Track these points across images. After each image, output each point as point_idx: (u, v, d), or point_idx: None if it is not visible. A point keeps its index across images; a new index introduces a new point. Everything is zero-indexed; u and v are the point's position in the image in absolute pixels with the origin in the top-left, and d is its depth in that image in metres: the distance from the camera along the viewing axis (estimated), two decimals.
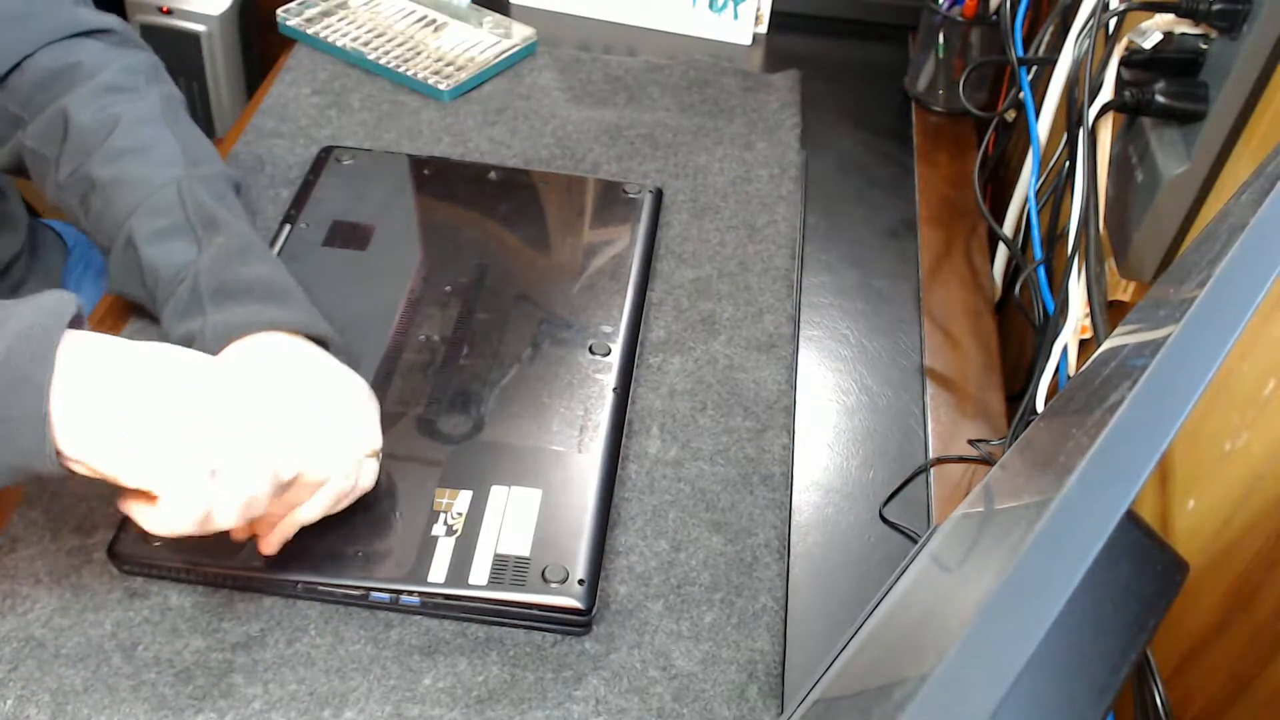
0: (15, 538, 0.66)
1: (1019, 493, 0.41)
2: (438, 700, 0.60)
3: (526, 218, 0.87)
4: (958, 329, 0.87)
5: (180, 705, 0.59)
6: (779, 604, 0.66)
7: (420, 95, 1.02)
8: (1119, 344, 0.43)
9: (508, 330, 0.77)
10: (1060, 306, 0.74)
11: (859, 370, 0.83)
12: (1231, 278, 0.31)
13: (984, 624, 0.27)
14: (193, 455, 0.53)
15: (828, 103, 1.08)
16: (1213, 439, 0.58)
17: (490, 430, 0.70)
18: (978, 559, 0.40)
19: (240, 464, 0.54)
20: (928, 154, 1.04)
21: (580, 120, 1.00)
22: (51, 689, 0.59)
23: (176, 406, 0.53)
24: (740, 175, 0.95)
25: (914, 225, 0.96)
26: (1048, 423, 0.48)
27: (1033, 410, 0.74)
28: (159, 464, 0.52)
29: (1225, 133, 0.63)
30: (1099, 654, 0.36)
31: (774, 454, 0.74)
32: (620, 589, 0.66)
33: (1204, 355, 0.29)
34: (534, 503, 0.66)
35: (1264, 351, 0.55)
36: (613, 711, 0.60)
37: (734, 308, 0.83)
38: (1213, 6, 0.62)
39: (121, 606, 0.63)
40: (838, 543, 0.72)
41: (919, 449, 0.78)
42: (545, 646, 0.63)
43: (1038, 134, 0.85)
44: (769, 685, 0.62)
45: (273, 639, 0.62)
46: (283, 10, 1.08)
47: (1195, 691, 0.58)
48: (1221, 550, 0.56)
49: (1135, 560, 0.38)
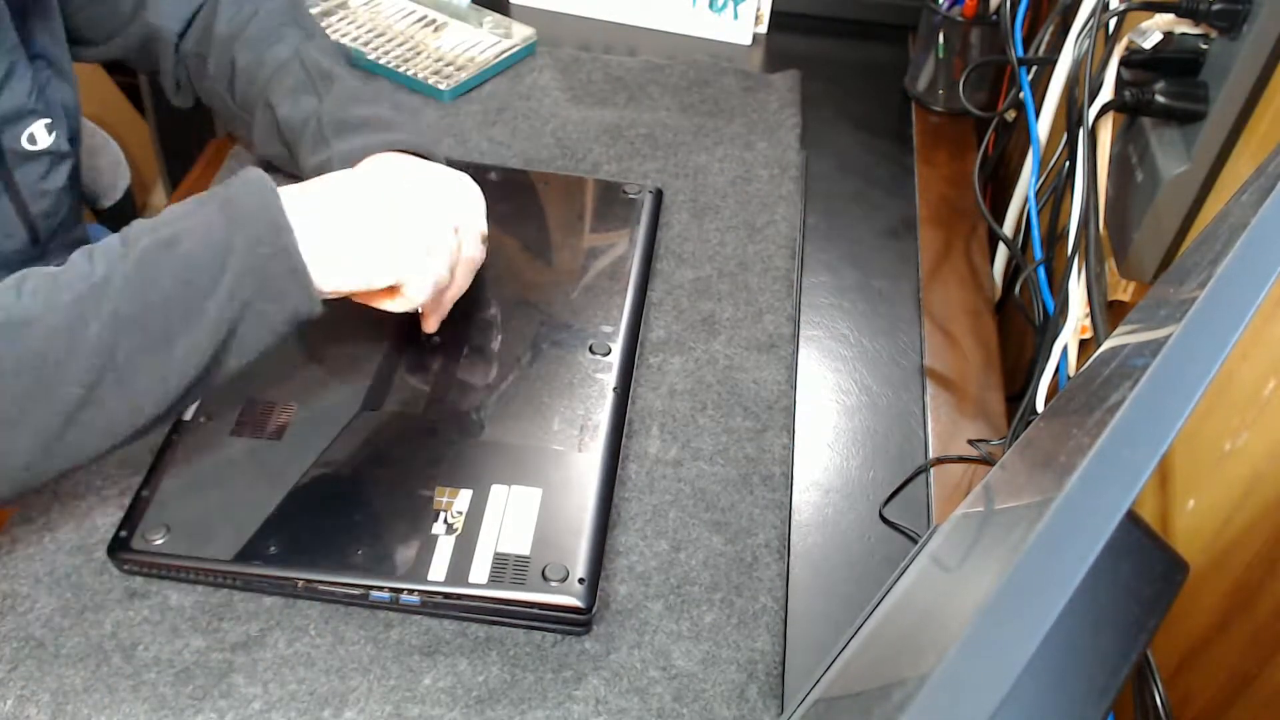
0: (15, 538, 0.66)
1: (1019, 493, 0.41)
2: (438, 700, 0.60)
3: (526, 218, 0.87)
4: (958, 329, 0.87)
5: (180, 705, 0.59)
6: (779, 604, 0.66)
7: (420, 95, 1.02)
8: (1119, 344, 0.43)
9: (508, 330, 0.77)
10: (1060, 306, 0.74)
11: (859, 370, 0.83)
12: (1232, 278, 0.31)
13: (984, 624, 0.27)
14: (413, 244, 0.66)
15: (828, 103, 1.08)
16: (1213, 439, 0.58)
17: (490, 429, 0.70)
18: (978, 559, 0.40)
19: (439, 238, 0.68)
20: (928, 154, 1.04)
21: (580, 120, 1.00)
22: (51, 689, 0.59)
23: (381, 215, 0.65)
24: (740, 175, 0.95)
25: (914, 225, 0.96)
26: (1048, 423, 0.48)
27: (1033, 410, 0.74)
28: (394, 262, 0.65)
29: (1225, 133, 0.63)
30: (1099, 654, 0.36)
31: (774, 454, 0.74)
32: (620, 589, 0.66)
33: (1205, 355, 0.29)
34: (534, 502, 0.66)
35: (1264, 351, 0.55)
36: (613, 711, 0.60)
37: (734, 308, 0.83)
38: (1213, 6, 0.62)
39: (121, 606, 0.63)
40: (838, 543, 0.72)
41: (919, 449, 0.78)
42: (545, 646, 0.63)
43: (1038, 134, 0.85)
44: (769, 685, 0.62)
45: (273, 639, 0.62)
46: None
47: (1195, 691, 0.58)
48: (1221, 550, 0.56)
49: (1135, 560, 0.38)
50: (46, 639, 0.61)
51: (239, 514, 0.65)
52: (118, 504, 0.67)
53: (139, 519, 0.64)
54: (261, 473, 0.67)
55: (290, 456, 0.68)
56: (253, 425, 0.69)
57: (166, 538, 0.63)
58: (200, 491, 0.66)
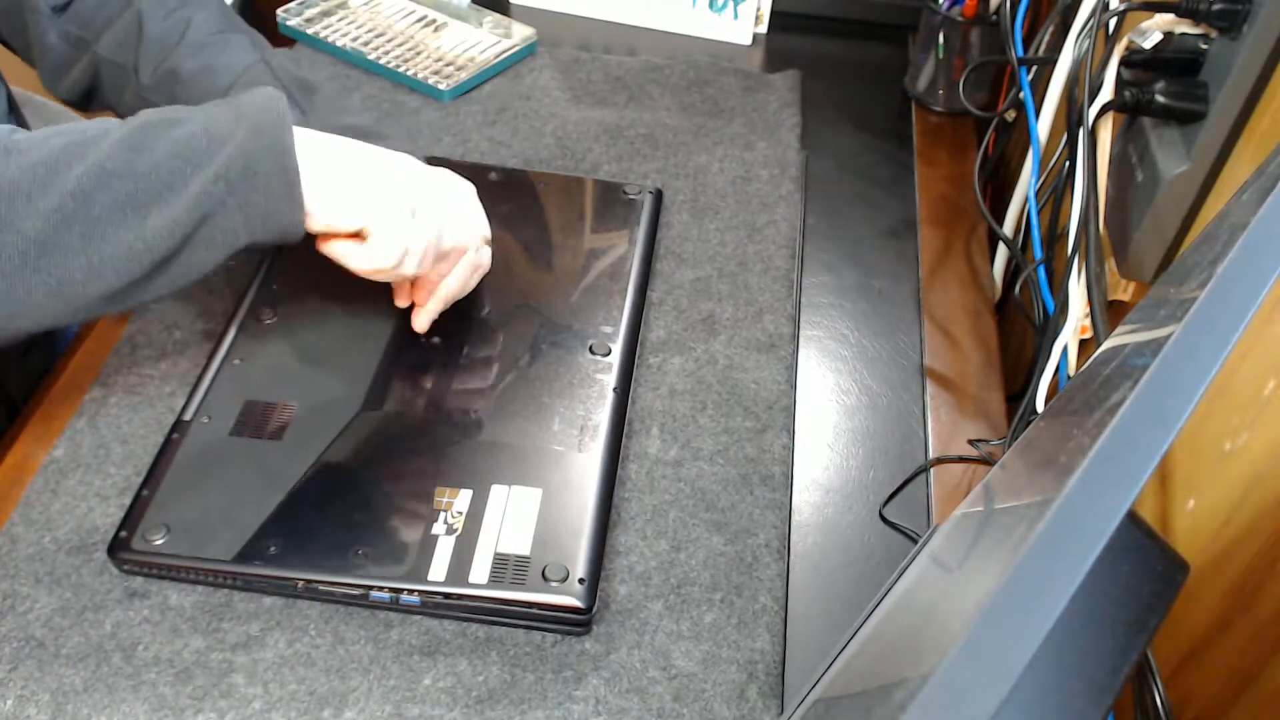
0: (15, 538, 0.66)
1: (1019, 493, 0.41)
2: (438, 700, 0.60)
3: (526, 218, 0.87)
4: (958, 329, 0.87)
5: (180, 705, 0.59)
6: (779, 604, 0.66)
7: (420, 95, 1.02)
8: (1119, 344, 0.43)
9: (508, 330, 0.77)
10: (1060, 306, 0.74)
11: (859, 370, 0.83)
12: (1232, 278, 0.31)
13: (985, 624, 0.27)
14: (399, 197, 0.66)
15: (828, 103, 1.08)
16: (1213, 439, 0.58)
17: (490, 429, 0.70)
18: (978, 559, 0.40)
19: (430, 207, 0.67)
20: (928, 154, 1.04)
21: (580, 120, 1.00)
22: (51, 689, 0.59)
23: (380, 164, 0.67)
24: (740, 175, 0.95)
25: (914, 225, 0.96)
26: (1048, 423, 0.48)
27: (1033, 410, 0.74)
28: (377, 205, 0.65)
29: (1225, 133, 0.63)
30: (1099, 654, 0.36)
31: (774, 454, 0.74)
32: (620, 589, 0.66)
33: (1205, 355, 0.29)
34: (534, 502, 0.66)
35: (1264, 351, 0.55)
36: (613, 711, 0.60)
37: (734, 308, 0.83)
38: (1213, 6, 0.62)
39: (121, 606, 0.63)
40: (838, 543, 0.72)
41: (919, 449, 0.78)
42: (545, 646, 0.63)
43: (1038, 134, 0.85)
44: (769, 685, 0.62)
45: (273, 639, 0.62)
46: (283, 10, 1.08)
47: (1195, 691, 0.58)
48: (1221, 550, 0.56)
49: (1135, 560, 0.38)
50: (46, 639, 0.61)
51: (239, 514, 0.65)
52: (118, 504, 0.68)
53: (139, 519, 0.64)
54: (261, 473, 0.67)
55: (290, 457, 0.68)
56: (253, 425, 0.69)
57: (166, 538, 0.63)
58: (200, 491, 0.66)
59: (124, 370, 0.75)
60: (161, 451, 0.68)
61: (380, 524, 0.65)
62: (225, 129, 0.61)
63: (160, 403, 0.74)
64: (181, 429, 0.69)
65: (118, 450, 0.71)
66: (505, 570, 0.63)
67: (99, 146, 0.58)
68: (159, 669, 0.60)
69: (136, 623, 0.62)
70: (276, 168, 0.61)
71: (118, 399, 0.74)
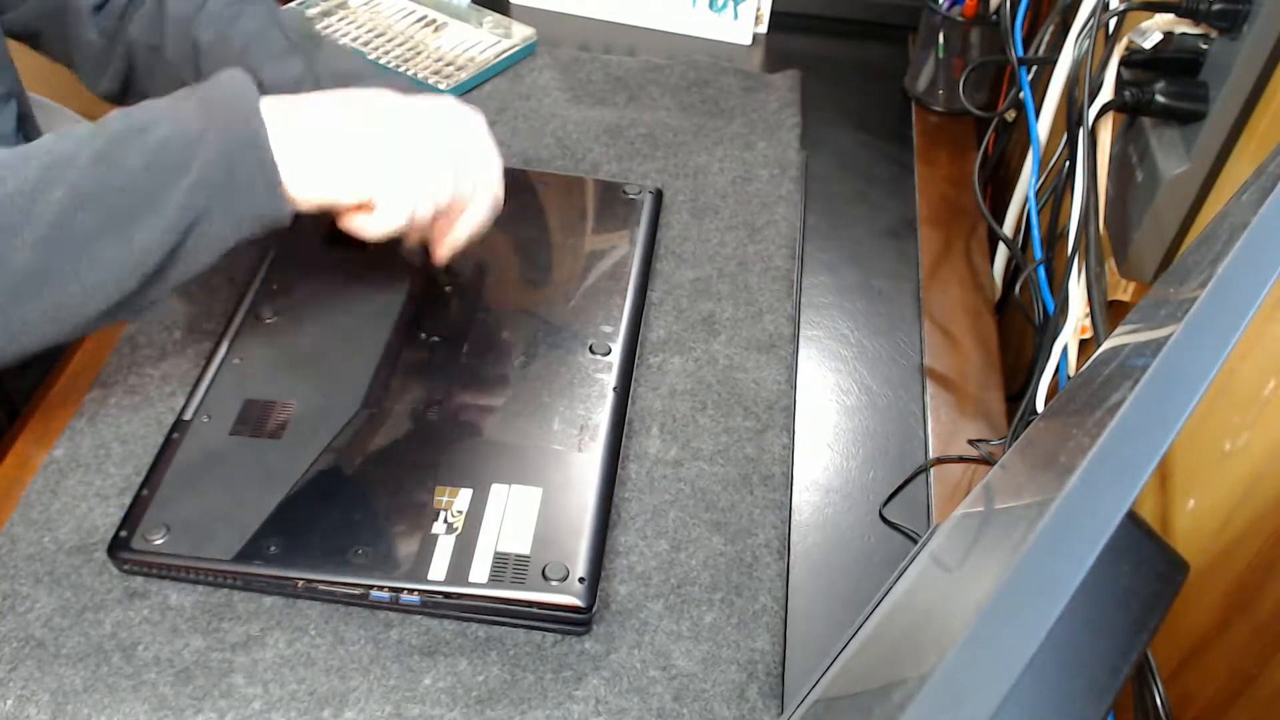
0: (15, 538, 0.66)
1: (1019, 493, 0.41)
2: (438, 700, 0.60)
3: (526, 218, 0.87)
4: (958, 329, 0.87)
5: (180, 705, 0.59)
6: (779, 604, 0.66)
7: None
8: (1119, 344, 0.43)
9: (508, 329, 0.77)
10: (1060, 306, 0.74)
11: (859, 370, 0.83)
12: (1232, 277, 0.31)
13: (985, 624, 0.27)
14: (396, 161, 0.64)
15: (828, 103, 1.08)
16: (1213, 439, 0.58)
17: (490, 429, 0.70)
18: (978, 559, 0.40)
19: (434, 151, 0.66)
20: (928, 154, 1.04)
21: (580, 120, 1.00)
22: (51, 689, 0.59)
23: (369, 126, 0.65)
24: (740, 175, 0.95)
25: (914, 225, 0.96)
26: (1048, 423, 0.48)
27: (1033, 410, 0.74)
28: (372, 176, 0.63)
29: (1225, 133, 0.63)
30: (1099, 654, 0.35)
31: (774, 454, 0.74)
32: (620, 589, 0.66)
33: (1206, 355, 0.29)
34: (534, 501, 0.66)
35: (1264, 351, 0.55)
36: (613, 711, 0.60)
37: (734, 308, 0.83)
38: (1213, 6, 0.62)
39: (121, 606, 0.63)
40: (838, 543, 0.72)
41: (919, 449, 0.78)
42: (545, 646, 0.63)
43: (1038, 134, 0.85)
44: (769, 685, 0.62)
45: (273, 639, 0.62)
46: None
47: (1195, 691, 0.58)
48: (1221, 550, 0.56)
49: (1135, 560, 0.38)
50: (46, 639, 0.61)
51: (239, 514, 0.65)
52: (118, 504, 0.68)
53: (139, 519, 0.64)
54: (261, 472, 0.67)
55: (290, 456, 0.68)
56: (253, 424, 0.69)
57: (166, 537, 0.63)
58: (200, 491, 0.66)
59: (124, 370, 0.75)
60: (161, 451, 0.68)
61: (380, 523, 0.65)
62: (195, 129, 0.60)
63: (160, 402, 0.74)
64: (181, 428, 0.69)
65: (118, 450, 0.71)
66: (505, 570, 0.63)
67: (74, 166, 0.58)
68: (159, 669, 0.60)
69: (136, 623, 0.62)
70: (255, 166, 0.60)
71: (118, 399, 0.74)
